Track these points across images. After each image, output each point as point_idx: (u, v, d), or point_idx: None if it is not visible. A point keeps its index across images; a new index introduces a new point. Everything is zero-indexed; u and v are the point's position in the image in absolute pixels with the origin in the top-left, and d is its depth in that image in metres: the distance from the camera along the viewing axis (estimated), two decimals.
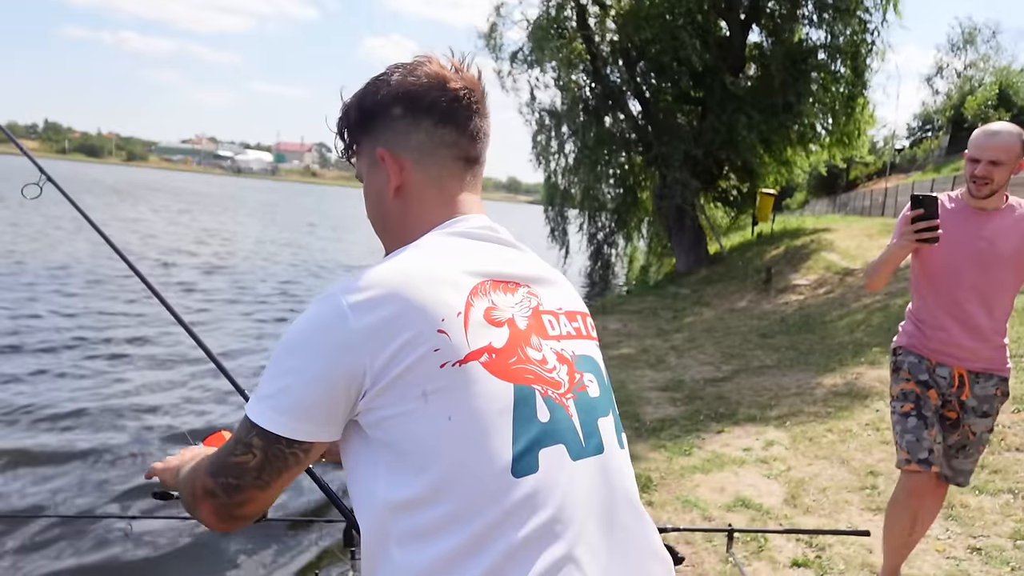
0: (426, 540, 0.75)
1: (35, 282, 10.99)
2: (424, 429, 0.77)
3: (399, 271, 0.82)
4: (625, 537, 0.85)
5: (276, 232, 26.47)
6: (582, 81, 17.42)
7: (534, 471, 0.78)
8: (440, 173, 0.93)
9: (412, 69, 0.92)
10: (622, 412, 3.70)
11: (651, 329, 9.34)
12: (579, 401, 0.86)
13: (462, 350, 0.78)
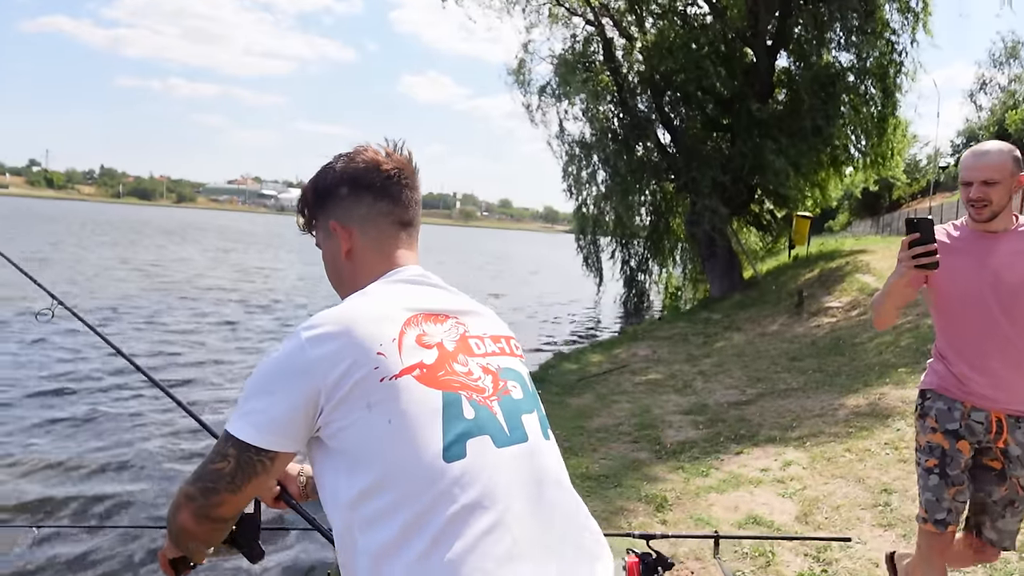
0: (380, 524, 0.93)
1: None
2: (370, 433, 0.95)
3: (346, 311, 1.03)
4: (551, 509, 1.02)
5: (317, 269, 27.18)
6: (610, 112, 17.72)
7: (462, 457, 0.95)
8: (380, 236, 1.17)
9: (353, 157, 1.17)
10: (644, 436, 3.86)
11: (680, 355, 9.39)
12: (503, 402, 1.04)
13: (396, 367, 0.98)
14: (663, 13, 17.22)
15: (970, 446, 2.16)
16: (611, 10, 17.35)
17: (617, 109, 17.68)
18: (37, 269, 17.84)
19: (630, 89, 17.41)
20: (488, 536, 0.93)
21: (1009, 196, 2.14)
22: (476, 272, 31.49)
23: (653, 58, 16.28)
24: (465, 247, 60.78)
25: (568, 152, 18.16)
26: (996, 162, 2.12)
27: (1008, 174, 2.12)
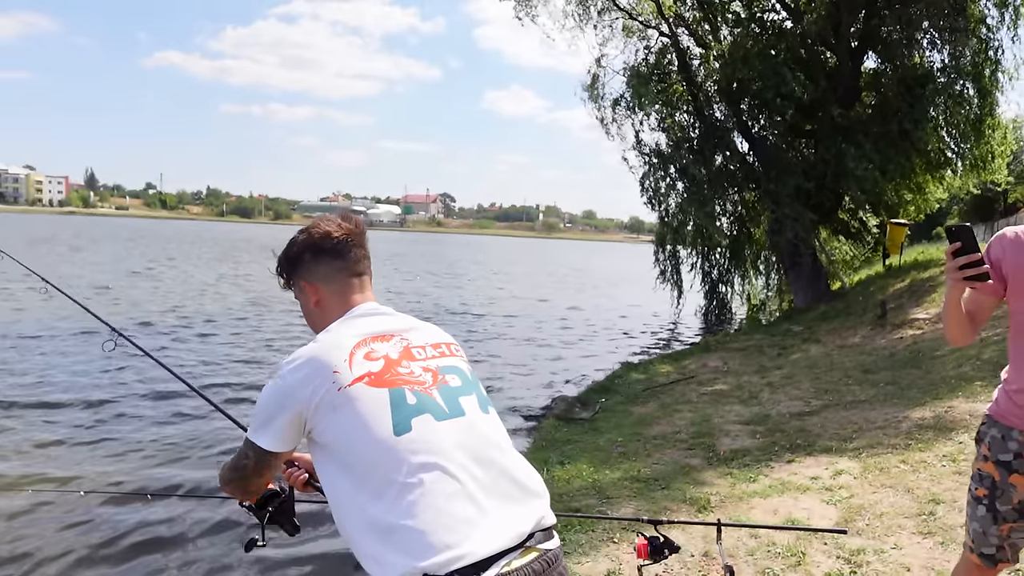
0: (357, 490, 1.27)
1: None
2: (339, 428, 1.30)
3: (312, 347, 1.40)
4: (489, 463, 1.32)
5: (399, 281, 28.15)
6: (685, 122, 17.63)
7: (408, 431, 1.28)
8: (339, 288, 1.53)
9: (310, 230, 1.55)
10: (699, 443, 4.06)
11: (752, 366, 9.30)
12: (441, 390, 1.37)
13: (348, 379, 1.32)
14: (739, 20, 17.03)
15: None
16: (687, 20, 17.33)
17: (693, 119, 17.57)
18: (151, 287, 19.11)
19: (706, 98, 17.26)
20: (437, 484, 1.23)
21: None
22: (556, 285, 31.72)
23: (729, 66, 16.09)
24: (547, 259, 61.12)
25: (645, 163, 18.13)
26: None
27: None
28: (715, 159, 17.56)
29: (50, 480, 5.40)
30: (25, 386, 8.35)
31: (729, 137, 17.27)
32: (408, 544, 1.19)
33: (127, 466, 5.88)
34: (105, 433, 6.73)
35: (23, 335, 11.63)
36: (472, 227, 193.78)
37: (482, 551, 1.20)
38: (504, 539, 1.24)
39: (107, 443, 6.44)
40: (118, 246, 41.02)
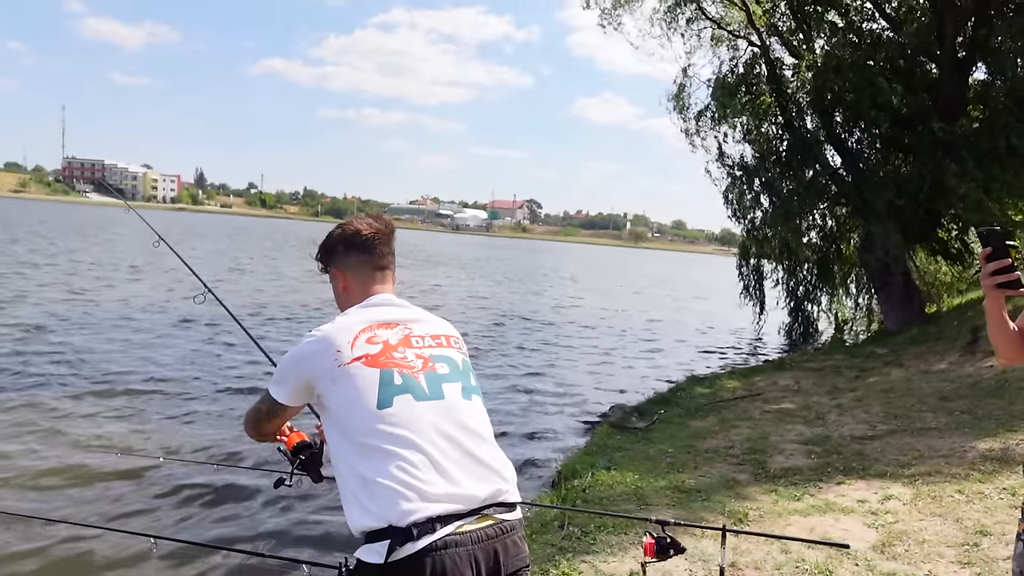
0: (347, 448, 1.52)
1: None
2: (337, 397, 1.54)
3: (328, 326, 1.64)
4: (459, 443, 1.52)
5: (481, 285, 28.68)
6: (772, 134, 17.20)
7: (389, 406, 1.50)
8: (364, 278, 1.77)
9: (345, 226, 1.80)
10: (750, 459, 4.14)
11: (824, 387, 9.04)
12: (427, 375, 1.58)
13: (348, 358, 1.56)
14: (835, 30, 16.48)
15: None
16: (779, 29, 16.94)
17: (781, 131, 17.12)
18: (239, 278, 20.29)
19: (797, 110, 16.79)
20: (407, 452, 1.46)
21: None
22: (636, 296, 31.42)
23: (822, 77, 15.61)
24: (630, 269, 60.49)
25: (729, 176, 17.82)
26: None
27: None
28: (804, 172, 17.03)
29: (136, 447, 6.02)
30: (127, 364, 9.19)
31: (819, 150, 16.72)
32: (379, 498, 1.42)
33: (205, 438, 6.46)
34: (187, 408, 7.43)
35: (130, 319, 12.74)
36: (557, 234, 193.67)
37: (437, 511, 1.41)
38: (459, 505, 1.44)
39: (188, 416, 7.12)
40: (219, 242, 43.71)
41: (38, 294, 14.92)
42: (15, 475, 5.36)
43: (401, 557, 1.38)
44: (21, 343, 9.99)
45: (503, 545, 1.47)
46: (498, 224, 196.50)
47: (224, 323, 12.91)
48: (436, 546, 1.39)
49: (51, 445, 6.06)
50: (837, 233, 18.41)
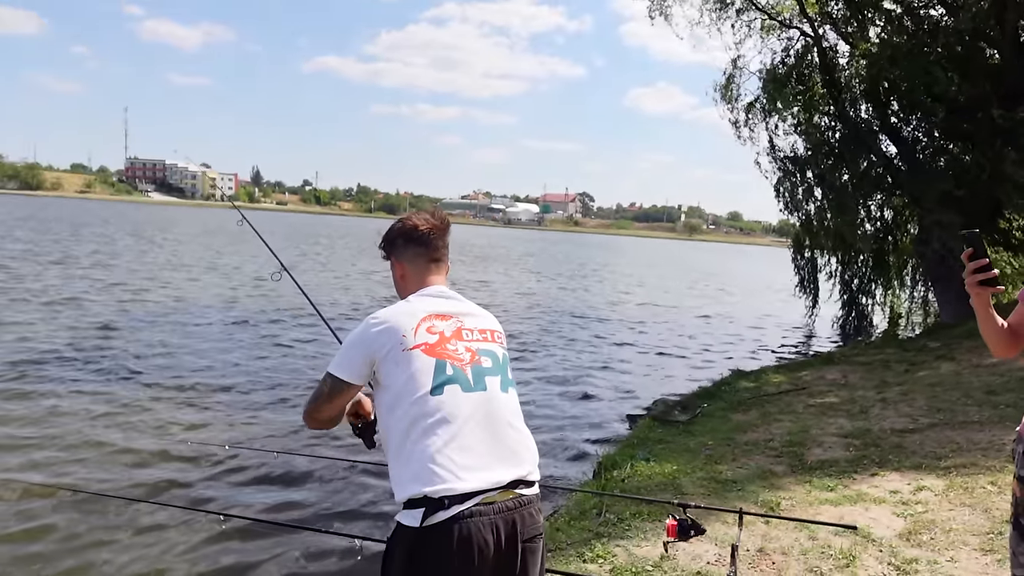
0: (396, 424, 1.76)
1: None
2: (396, 378, 1.78)
3: (391, 311, 1.88)
4: (494, 431, 1.78)
5: (532, 281, 28.97)
6: (824, 124, 16.94)
7: (441, 394, 1.76)
8: (420, 269, 2.01)
9: (404, 221, 2.03)
10: (788, 452, 4.38)
11: (872, 381, 9.01)
12: (474, 368, 1.83)
13: (411, 344, 1.80)
14: (891, 17, 16.10)
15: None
16: (833, 17, 16.64)
17: (833, 121, 16.84)
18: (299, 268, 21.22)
19: (851, 99, 16.50)
20: (448, 434, 1.72)
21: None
22: (687, 290, 31.22)
23: (877, 65, 15.32)
24: (683, 262, 59.86)
25: (780, 169, 17.65)
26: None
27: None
28: (858, 163, 16.73)
29: (203, 435, 6.65)
30: (195, 357, 9.83)
31: (874, 140, 16.41)
32: (419, 471, 1.69)
33: (265, 428, 7.03)
34: (249, 399, 8.02)
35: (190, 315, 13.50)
36: (610, 227, 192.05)
37: (468, 487, 1.68)
38: (487, 483, 1.70)
39: (251, 407, 7.70)
40: (275, 240, 45.14)
41: (107, 292, 15.89)
42: (98, 458, 5.97)
43: (433, 523, 1.65)
44: (98, 338, 10.76)
45: (520, 516, 1.73)
46: (550, 218, 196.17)
47: (285, 322, 13.55)
48: (463, 515, 1.66)
49: (128, 432, 6.66)
50: (893, 224, 18.05)
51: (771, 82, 16.44)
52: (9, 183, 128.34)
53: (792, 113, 16.71)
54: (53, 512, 4.82)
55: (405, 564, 1.67)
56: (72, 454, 6.00)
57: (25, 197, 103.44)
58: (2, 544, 4.41)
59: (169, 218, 68.67)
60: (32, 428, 6.56)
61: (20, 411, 7.01)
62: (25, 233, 32.65)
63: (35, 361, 8.98)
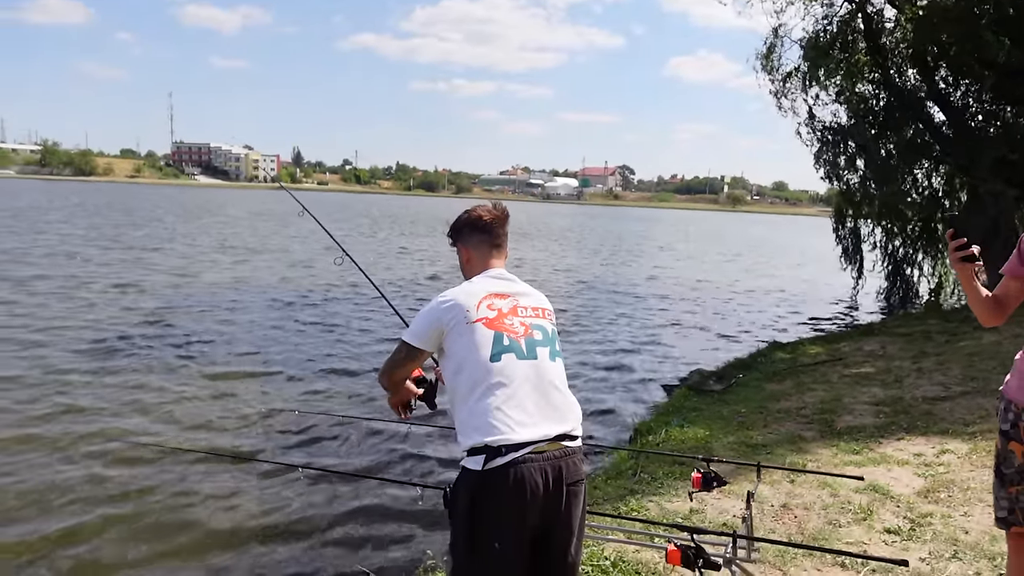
0: (460, 385, 2.07)
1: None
2: (460, 346, 2.09)
3: (457, 290, 2.18)
4: (544, 393, 2.07)
5: (570, 257, 29.13)
6: (868, 92, 16.63)
7: (499, 361, 2.05)
8: (482, 254, 2.30)
9: (470, 212, 2.33)
10: (819, 419, 4.70)
11: (911, 352, 9.07)
12: (527, 340, 2.12)
13: (474, 318, 2.11)
14: None
15: (1022, 449, 2.24)
16: None
17: (878, 89, 16.52)
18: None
19: (897, 66, 16.18)
20: (504, 394, 2.02)
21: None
22: (728, 262, 31.00)
23: (924, 30, 14.98)
24: (725, 234, 59.11)
25: (820, 139, 17.41)
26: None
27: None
28: (904, 131, 16.42)
29: (277, 402, 7.21)
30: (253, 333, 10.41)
31: (920, 107, 16.08)
32: (481, 424, 2.01)
33: (331, 393, 7.64)
34: (317, 366, 8.58)
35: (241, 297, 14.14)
36: (650, 200, 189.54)
37: (521, 438, 1.99)
38: (537, 435, 2.01)
39: (316, 379, 8.17)
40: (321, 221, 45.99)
41: (166, 274, 16.70)
42: (187, 420, 6.63)
43: (492, 467, 1.97)
44: (166, 318, 11.44)
45: (565, 463, 2.03)
46: (589, 192, 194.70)
47: (340, 300, 14.11)
48: (517, 461, 1.97)
49: (210, 399, 7.28)
50: (941, 193, 17.68)
51: (813, 50, 16.17)
52: (64, 169, 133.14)
53: (834, 82, 16.42)
54: (159, 469, 5.46)
55: (469, 501, 2.00)
56: (163, 419, 6.67)
57: (79, 183, 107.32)
58: (115, 497, 4.95)
59: (216, 200, 70.52)
60: (126, 396, 7.25)
61: (114, 381, 7.66)
62: (84, 219, 34.13)
63: (111, 340, 9.67)
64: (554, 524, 2.03)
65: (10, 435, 5.97)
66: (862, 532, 3.52)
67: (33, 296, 12.57)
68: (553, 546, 2.06)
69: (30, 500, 4.87)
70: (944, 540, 3.39)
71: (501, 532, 1.96)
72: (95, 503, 4.86)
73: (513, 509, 1.96)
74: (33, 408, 6.66)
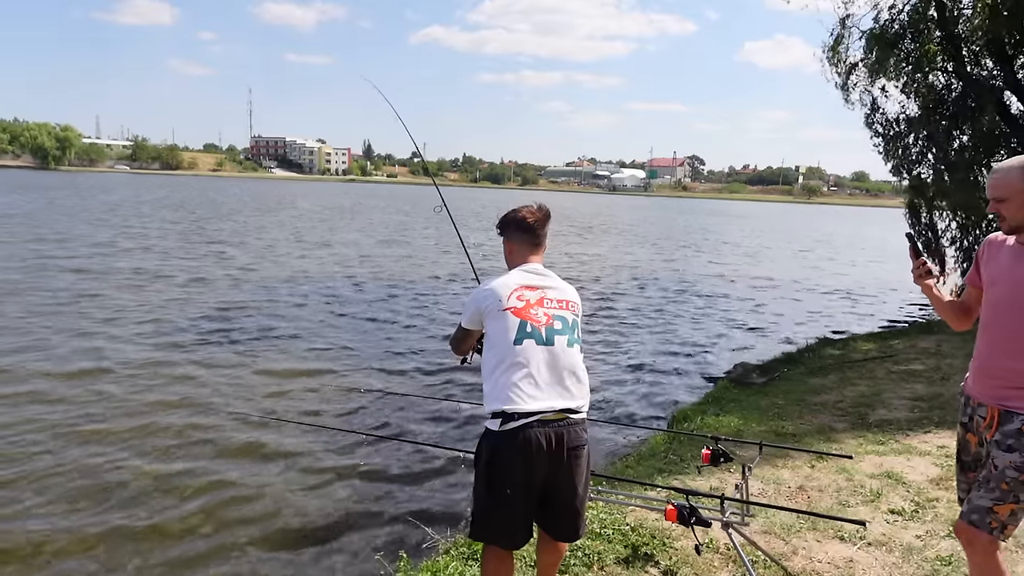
0: (490, 359, 2.55)
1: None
2: (494, 328, 2.57)
3: (496, 281, 2.65)
4: (555, 374, 2.50)
5: (636, 254, 29.18)
6: (940, 83, 16.19)
7: (520, 344, 2.51)
8: (523, 250, 2.73)
9: (517, 211, 2.77)
10: (853, 412, 5.09)
11: (965, 350, 8.95)
12: (547, 328, 2.55)
13: (504, 306, 2.57)
14: None
15: (976, 439, 2.47)
16: None
17: (950, 79, 16.09)
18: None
19: (972, 56, 15.71)
20: (522, 372, 2.47)
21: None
22: (795, 259, 30.40)
23: (1001, 16, 14.50)
24: (797, 227, 57.55)
25: (888, 131, 17.04)
26: (1002, 179, 2.33)
27: (1016, 190, 2.29)
28: (980, 122, 15.93)
29: (347, 381, 8.07)
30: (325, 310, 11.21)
31: (998, 97, 15.57)
32: (501, 394, 2.47)
33: (387, 373, 8.38)
34: (383, 347, 9.28)
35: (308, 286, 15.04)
36: (720, 191, 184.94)
37: (531, 408, 2.45)
38: (544, 407, 2.45)
39: (378, 360, 8.90)
40: (393, 214, 47.39)
41: (251, 265, 17.86)
42: (276, 395, 7.53)
43: (507, 429, 2.44)
44: (249, 306, 12.41)
45: (567, 431, 2.47)
46: (657, 183, 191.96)
47: (399, 294, 14.85)
48: (527, 425, 2.43)
49: (291, 376, 8.19)
50: None
51: (882, 41, 15.87)
52: (153, 163, 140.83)
53: (905, 72, 16.06)
54: (251, 434, 6.30)
55: (489, 454, 2.49)
56: (251, 394, 7.54)
57: (166, 177, 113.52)
58: (218, 453, 5.70)
59: (294, 192, 73.33)
60: (224, 373, 8.20)
61: (217, 359, 8.55)
62: (173, 213, 36.37)
63: (200, 326, 10.63)
64: (559, 481, 2.50)
65: (135, 409, 6.85)
66: (868, 511, 3.82)
67: (156, 282, 13.82)
68: (559, 499, 2.53)
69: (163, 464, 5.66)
70: (944, 521, 3.66)
71: (512, 480, 2.44)
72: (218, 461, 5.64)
73: (520, 462, 2.43)
74: (148, 393, 7.57)
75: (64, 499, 4.99)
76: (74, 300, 11.94)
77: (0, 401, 6.83)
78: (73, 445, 5.91)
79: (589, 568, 3.31)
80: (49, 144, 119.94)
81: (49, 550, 4.38)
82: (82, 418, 6.52)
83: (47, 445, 5.87)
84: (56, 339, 9.29)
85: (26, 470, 5.38)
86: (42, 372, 7.82)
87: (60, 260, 16.43)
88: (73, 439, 6.03)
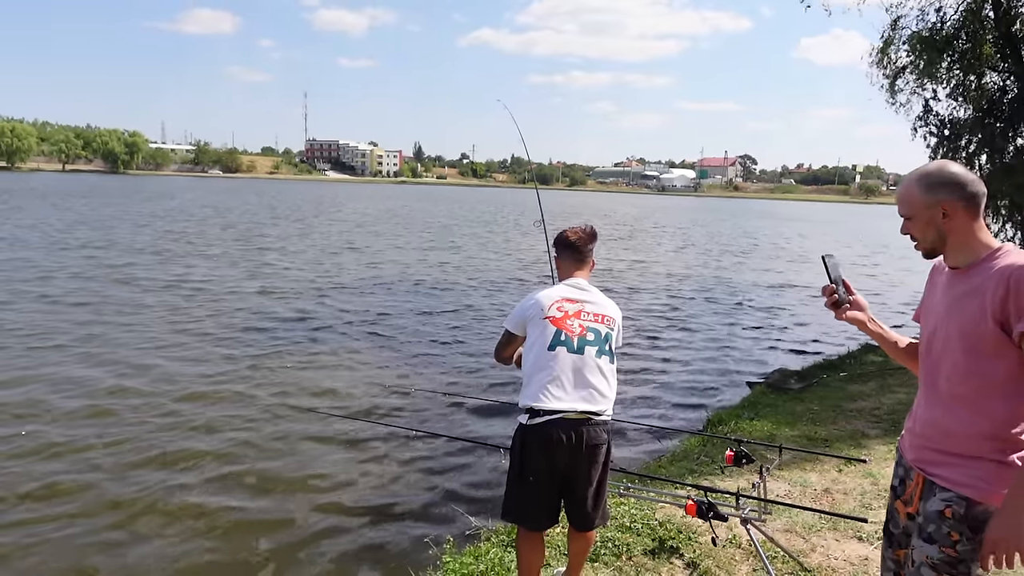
0: (529, 362, 2.93)
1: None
2: (533, 334, 2.94)
3: (541, 293, 3.04)
4: (582, 379, 2.85)
5: (685, 261, 29.11)
6: (994, 85, 15.83)
7: (554, 351, 2.88)
8: (569, 265, 3.12)
9: (567, 233, 3.15)
10: (887, 418, 5.38)
11: None
12: (579, 339, 2.91)
13: (545, 314, 2.94)
14: None
15: (904, 507, 2.03)
16: None
17: (1006, 81, 15.72)
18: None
19: None
20: (552, 375, 2.84)
21: (936, 229, 1.87)
22: (849, 266, 29.82)
23: None
24: (852, 229, 56.08)
25: (937, 134, 16.73)
26: (904, 195, 1.92)
27: (919, 205, 1.87)
28: None
29: (397, 382, 8.61)
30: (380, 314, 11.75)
31: None
32: (531, 394, 2.83)
33: (434, 377, 8.90)
34: (425, 350, 9.72)
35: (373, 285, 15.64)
36: (773, 192, 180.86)
37: (555, 407, 2.79)
38: (567, 407, 2.79)
39: (428, 363, 9.35)
40: (442, 218, 48.14)
41: (310, 267, 18.64)
42: (330, 394, 8.09)
43: (534, 423, 2.80)
44: (313, 306, 13.07)
45: (586, 430, 2.79)
46: (707, 183, 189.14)
47: (447, 296, 15.32)
48: (550, 422, 2.78)
49: (345, 376, 8.67)
50: None
51: (933, 42, 15.62)
52: (214, 167, 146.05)
53: (956, 75, 15.78)
54: (309, 427, 6.91)
55: (520, 444, 2.87)
56: (308, 391, 8.14)
57: (226, 180, 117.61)
58: (256, 444, 6.23)
59: (349, 193, 75.12)
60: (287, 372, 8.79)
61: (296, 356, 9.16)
62: (237, 217, 37.87)
63: (262, 325, 11.30)
64: (577, 474, 2.85)
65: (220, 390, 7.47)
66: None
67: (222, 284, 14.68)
68: (576, 490, 2.89)
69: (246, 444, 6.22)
70: None
71: (535, 467, 2.82)
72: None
73: (544, 455, 2.80)
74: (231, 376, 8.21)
75: (174, 468, 5.59)
76: (189, 294, 12.80)
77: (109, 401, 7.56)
78: (164, 430, 6.52)
79: (618, 558, 3.63)
80: (119, 149, 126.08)
81: (177, 528, 4.96)
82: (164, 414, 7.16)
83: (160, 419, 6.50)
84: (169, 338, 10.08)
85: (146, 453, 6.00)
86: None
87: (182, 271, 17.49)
88: (166, 428, 6.66)
